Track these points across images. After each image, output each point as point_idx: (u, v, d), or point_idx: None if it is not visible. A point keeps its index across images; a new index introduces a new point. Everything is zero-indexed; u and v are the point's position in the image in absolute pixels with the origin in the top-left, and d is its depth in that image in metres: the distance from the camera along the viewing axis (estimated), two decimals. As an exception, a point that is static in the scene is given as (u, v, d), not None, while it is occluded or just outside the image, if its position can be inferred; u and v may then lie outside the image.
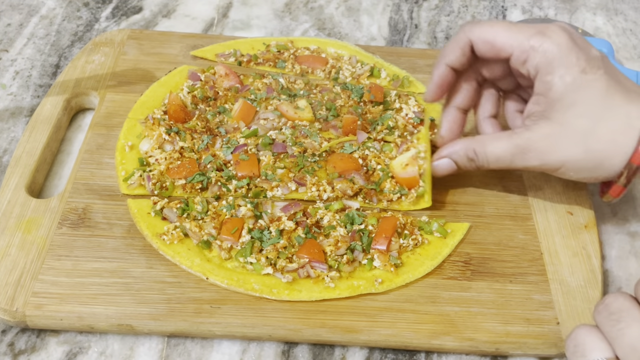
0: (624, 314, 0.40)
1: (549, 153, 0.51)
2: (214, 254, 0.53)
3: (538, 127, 0.51)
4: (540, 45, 0.50)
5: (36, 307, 0.49)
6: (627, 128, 0.49)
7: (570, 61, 0.50)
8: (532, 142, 0.52)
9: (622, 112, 0.49)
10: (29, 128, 0.63)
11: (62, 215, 0.55)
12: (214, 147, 0.61)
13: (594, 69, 0.50)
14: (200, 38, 0.75)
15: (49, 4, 0.83)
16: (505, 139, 0.53)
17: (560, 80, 0.50)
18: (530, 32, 0.51)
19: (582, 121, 0.50)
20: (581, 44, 0.51)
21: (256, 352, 0.50)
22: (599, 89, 0.49)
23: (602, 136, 0.49)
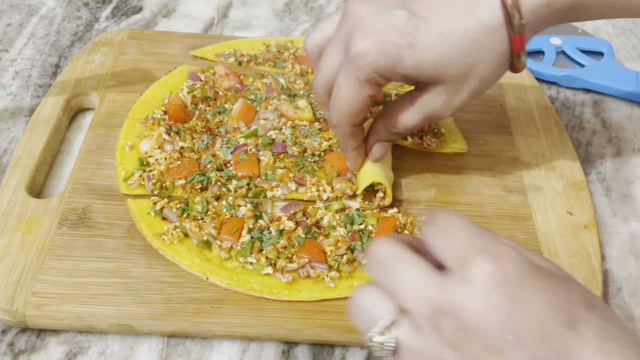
0: (393, 260, 0.36)
1: (453, 100, 0.51)
2: (214, 254, 0.53)
3: (430, 88, 0.51)
4: None
5: (36, 307, 0.49)
6: None
7: (389, 45, 0.48)
8: (433, 102, 0.52)
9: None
10: (29, 128, 0.63)
11: (62, 215, 0.55)
12: (214, 147, 0.61)
13: (408, 31, 0.47)
14: (200, 38, 0.75)
15: (49, 4, 0.83)
16: (411, 109, 0.53)
17: (405, 68, 0.49)
18: None
19: (454, 65, 0.49)
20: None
21: (256, 352, 0.50)
22: None
23: (457, 24, 0.48)
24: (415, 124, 0.54)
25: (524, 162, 0.63)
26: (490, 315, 0.33)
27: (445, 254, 0.35)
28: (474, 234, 0.35)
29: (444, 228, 0.36)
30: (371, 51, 0.47)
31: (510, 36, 0.47)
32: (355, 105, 0.50)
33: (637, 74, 0.75)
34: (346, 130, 0.53)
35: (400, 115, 0.54)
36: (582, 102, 0.74)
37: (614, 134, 0.70)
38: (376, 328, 0.35)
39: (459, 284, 0.34)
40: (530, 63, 0.76)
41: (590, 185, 0.64)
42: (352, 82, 0.49)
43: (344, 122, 0.52)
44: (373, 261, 0.37)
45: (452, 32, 0.47)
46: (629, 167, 0.66)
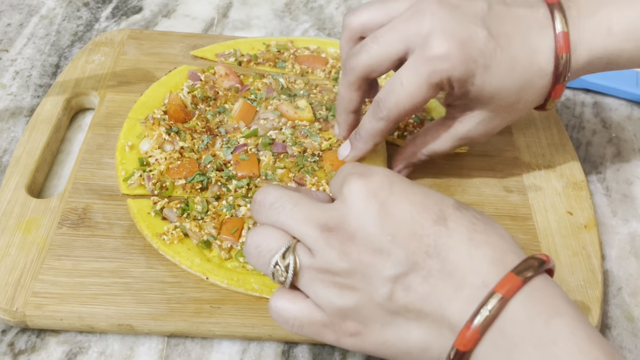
0: (279, 200, 0.41)
1: (488, 129, 0.54)
2: (214, 254, 0.53)
3: (469, 118, 0.53)
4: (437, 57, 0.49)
5: (36, 307, 0.49)
6: (537, 33, 0.50)
7: (469, 59, 0.49)
8: (472, 131, 0.54)
9: (526, 32, 0.50)
10: (29, 128, 0.63)
11: (62, 215, 0.55)
12: (214, 147, 0.61)
13: (487, 51, 0.49)
14: (200, 38, 0.75)
15: (49, 4, 0.83)
16: (445, 137, 0.55)
17: (472, 85, 0.50)
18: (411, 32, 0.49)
19: (508, 97, 0.51)
20: (462, 16, 0.49)
21: (256, 352, 0.50)
22: (505, 51, 0.50)
23: (523, 61, 0.50)
24: (450, 149, 0.56)
25: (524, 162, 0.63)
26: (367, 221, 0.38)
27: (332, 188, 0.43)
28: (354, 166, 0.41)
29: (337, 173, 0.42)
30: (453, 59, 0.48)
31: (554, 84, 0.51)
32: (415, 104, 0.50)
33: (637, 74, 0.75)
34: (388, 127, 0.53)
35: (433, 144, 0.56)
36: (582, 102, 0.74)
37: (614, 134, 0.70)
38: (278, 254, 0.40)
39: (339, 204, 0.39)
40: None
41: (590, 185, 0.64)
42: (420, 81, 0.49)
43: (393, 118, 0.52)
44: (260, 205, 0.42)
45: (518, 67, 0.50)
46: (629, 167, 0.66)
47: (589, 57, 0.51)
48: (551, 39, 0.50)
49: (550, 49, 0.50)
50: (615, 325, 0.53)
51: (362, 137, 0.55)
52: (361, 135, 0.55)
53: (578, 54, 0.51)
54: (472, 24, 0.48)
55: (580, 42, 0.51)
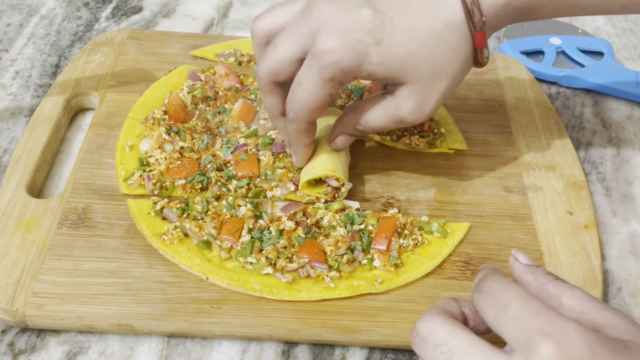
0: (450, 343, 0.35)
1: (422, 103, 0.52)
2: (214, 254, 0.53)
3: (399, 91, 0.52)
4: None
5: (36, 307, 0.49)
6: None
7: (356, 43, 0.48)
8: (403, 105, 0.52)
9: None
10: (29, 128, 0.63)
11: (62, 215, 0.55)
12: (214, 147, 0.61)
13: (374, 28, 0.48)
14: (200, 38, 0.75)
15: (49, 4, 0.83)
16: (380, 109, 0.53)
17: (372, 65, 0.49)
18: None
19: (421, 63, 0.49)
20: None
21: (256, 352, 0.50)
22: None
23: (423, 22, 0.49)
24: (382, 126, 0.54)
25: (524, 162, 0.63)
26: None
27: (505, 332, 0.35)
28: (533, 310, 0.34)
29: (499, 302, 0.35)
30: (337, 50, 0.48)
31: (473, 33, 0.49)
32: (316, 102, 0.51)
33: (637, 74, 0.75)
34: (302, 126, 0.53)
35: (368, 115, 0.54)
36: (582, 102, 0.74)
37: (614, 134, 0.70)
38: None
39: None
40: (530, 63, 0.76)
41: (590, 185, 0.64)
42: (315, 79, 0.49)
43: (302, 117, 0.52)
44: (427, 344, 0.36)
45: (418, 29, 0.48)
46: (629, 167, 0.66)
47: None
48: None
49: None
50: (615, 325, 0.53)
51: (292, 142, 0.56)
52: (290, 140, 0.56)
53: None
54: (355, 8, 0.48)
55: None
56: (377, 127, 0.54)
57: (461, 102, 0.69)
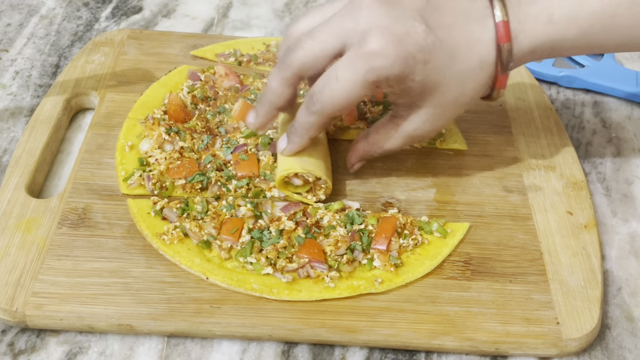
0: None
1: (436, 126, 0.54)
2: (214, 254, 0.53)
3: (416, 116, 0.53)
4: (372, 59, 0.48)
5: (36, 307, 0.49)
6: (477, 23, 0.50)
7: (408, 56, 0.48)
8: (419, 129, 0.54)
9: (466, 28, 0.50)
10: (29, 128, 0.63)
11: (62, 215, 0.55)
12: (214, 147, 0.61)
13: (426, 46, 0.48)
14: (200, 38, 0.75)
15: (49, 4, 0.83)
16: (395, 136, 0.55)
17: (413, 82, 0.49)
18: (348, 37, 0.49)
19: (450, 91, 0.51)
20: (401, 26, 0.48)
21: (256, 352, 0.50)
22: (443, 48, 0.49)
23: (463, 53, 0.50)
24: (399, 148, 0.56)
25: (524, 162, 0.63)
26: None
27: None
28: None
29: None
30: (391, 56, 0.47)
31: (498, 75, 0.51)
32: (350, 101, 0.50)
33: (637, 74, 0.75)
34: (323, 121, 0.52)
35: (384, 142, 0.56)
36: (582, 102, 0.74)
37: (614, 134, 0.70)
38: None
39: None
40: (530, 63, 0.76)
41: (590, 185, 0.64)
42: (357, 79, 0.48)
43: (328, 113, 0.51)
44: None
45: (458, 59, 0.49)
46: (629, 167, 0.66)
47: (530, 46, 0.51)
48: (491, 28, 0.50)
49: (491, 39, 0.50)
50: (615, 325, 0.53)
51: (297, 131, 0.54)
52: (296, 129, 0.54)
53: (519, 42, 0.50)
54: (409, 19, 0.48)
55: (521, 31, 0.50)
56: (395, 149, 0.56)
57: (461, 102, 0.69)
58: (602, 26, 0.50)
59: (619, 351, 0.51)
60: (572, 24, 0.50)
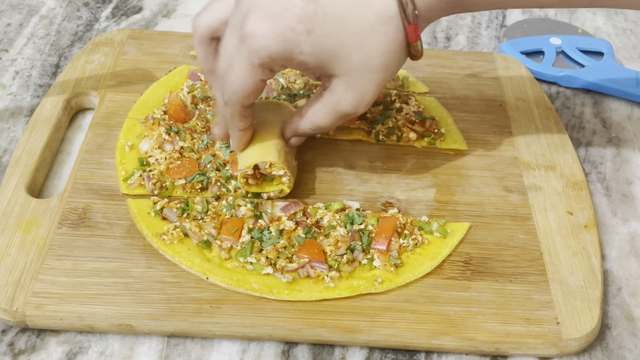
0: None
1: (358, 96, 0.51)
2: (214, 254, 0.53)
3: (334, 86, 0.51)
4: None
5: (36, 307, 0.49)
6: None
7: (287, 30, 0.47)
8: (342, 100, 0.51)
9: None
10: (29, 128, 0.63)
11: (62, 215, 0.55)
12: (213, 147, 0.61)
13: (305, 16, 0.47)
14: (200, 38, 0.75)
15: (49, 4, 0.83)
16: (323, 109, 0.53)
17: (303, 54, 0.48)
18: None
19: (353, 55, 0.49)
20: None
21: (256, 352, 0.50)
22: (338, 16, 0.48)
23: (354, 13, 0.48)
24: (329, 123, 0.54)
25: (524, 162, 0.63)
26: None
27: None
28: None
29: None
30: (266, 35, 0.47)
31: (405, 26, 0.48)
32: (247, 87, 0.50)
33: (637, 74, 0.75)
34: (235, 110, 0.52)
35: (313, 116, 0.54)
36: (582, 102, 0.74)
37: (614, 134, 0.70)
38: None
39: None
40: (530, 63, 0.76)
41: (590, 185, 0.64)
42: (244, 63, 0.48)
43: (234, 102, 0.51)
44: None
45: (350, 20, 0.47)
46: (629, 167, 0.66)
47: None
48: None
49: None
50: (615, 325, 0.53)
51: (229, 124, 0.55)
52: (227, 124, 0.55)
53: None
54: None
55: None
56: (325, 125, 0.54)
57: (461, 102, 0.69)
58: None
59: (619, 351, 0.51)
60: None
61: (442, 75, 0.72)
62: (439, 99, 0.69)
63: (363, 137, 0.64)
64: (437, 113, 0.67)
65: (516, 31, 0.83)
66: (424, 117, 0.66)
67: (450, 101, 0.69)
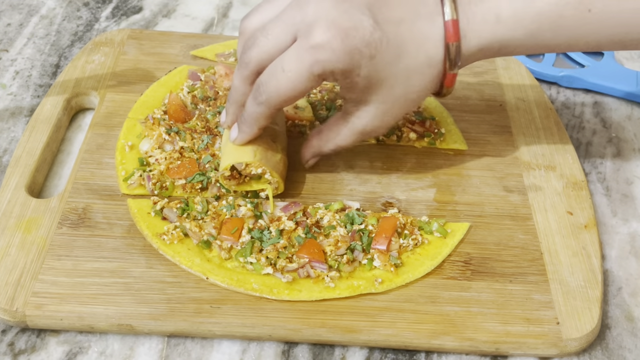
0: None
1: (385, 122, 0.54)
2: (214, 254, 0.53)
3: (364, 112, 0.53)
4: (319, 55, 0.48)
5: (36, 307, 0.49)
6: (426, 20, 0.50)
7: (354, 50, 0.48)
8: (368, 125, 0.54)
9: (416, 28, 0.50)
10: (29, 128, 0.63)
11: (62, 215, 0.55)
12: (213, 147, 0.61)
13: (372, 41, 0.48)
14: (200, 38, 0.75)
15: (49, 4, 0.83)
16: (346, 132, 0.55)
17: (358, 77, 0.49)
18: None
19: (397, 87, 0.51)
20: (349, 25, 0.48)
21: (256, 352, 0.50)
22: (390, 43, 0.49)
23: (410, 50, 0.50)
24: (353, 143, 0.56)
25: (524, 162, 0.63)
26: None
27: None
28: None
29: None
30: (337, 51, 0.47)
31: (446, 73, 0.51)
32: (296, 93, 0.50)
33: (637, 74, 0.75)
34: (270, 112, 0.52)
35: (336, 138, 0.56)
36: (582, 102, 0.74)
37: (614, 134, 0.70)
38: None
39: None
40: (530, 63, 0.76)
41: (590, 185, 0.64)
42: (303, 71, 0.48)
43: (274, 104, 0.51)
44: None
45: (405, 55, 0.50)
46: (629, 167, 0.66)
47: (479, 45, 0.51)
48: (440, 26, 0.50)
49: (440, 37, 0.50)
50: (615, 325, 0.53)
51: (246, 121, 0.54)
52: (245, 118, 0.54)
53: (468, 41, 0.50)
54: (357, 12, 0.48)
55: (469, 30, 0.50)
56: (347, 145, 0.56)
57: (461, 102, 0.69)
58: (549, 27, 0.50)
59: (619, 351, 0.51)
60: (519, 24, 0.50)
61: (442, 75, 0.72)
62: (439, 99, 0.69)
63: None
64: (437, 113, 0.67)
65: (516, 31, 0.83)
66: (424, 117, 0.66)
67: (450, 101, 0.69)
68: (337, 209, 0.57)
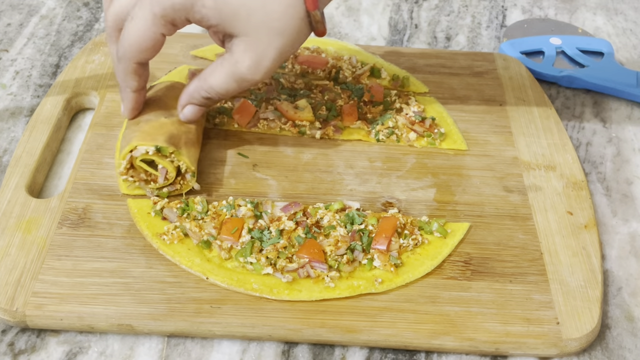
0: None
1: (256, 58, 0.52)
2: (214, 254, 0.53)
3: (234, 47, 0.52)
4: None
5: (36, 307, 0.49)
6: None
7: None
8: (240, 61, 0.52)
9: None
10: (29, 128, 0.63)
11: (62, 215, 0.55)
12: (214, 147, 0.61)
13: None
14: (200, 38, 0.75)
15: (49, 4, 0.83)
16: (221, 70, 0.54)
17: (205, 8, 0.49)
18: None
19: (254, 14, 0.50)
20: None
21: (256, 352, 0.50)
22: None
23: None
24: (225, 88, 0.54)
25: (524, 162, 0.63)
26: None
27: None
28: None
29: None
30: None
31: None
32: (146, 40, 0.51)
33: (637, 74, 0.75)
34: (129, 66, 0.53)
35: (211, 79, 0.54)
36: (582, 102, 0.74)
37: (614, 134, 0.70)
38: None
39: None
40: (530, 63, 0.76)
41: (590, 185, 0.64)
42: (146, 14, 0.49)
43: (130, 56, 0.52)
44: None
45: None
46: (629, 167, 0.66)
47: None
48: None
49: None
50: (615, 325, 0.53)
51: (121, 84, 0.55)
52: (120, 82, 0.55)
53: None
54: None
55: None
56: (222, 90, 0.54)
57: (461, 102, 0.69)
58: None
59: (619, 351, 0.51)
60: None
61: (442, 75, 0.72)
62: (439, 99, 0.69)
63: (363, 137, 0.64)
64: (437, 113, 0.67)
65: (516, 31, 0.83)
66: (424, 117, 0.66)
67: (450, 101, 0.69)
68: (337, 209, 0.57)
